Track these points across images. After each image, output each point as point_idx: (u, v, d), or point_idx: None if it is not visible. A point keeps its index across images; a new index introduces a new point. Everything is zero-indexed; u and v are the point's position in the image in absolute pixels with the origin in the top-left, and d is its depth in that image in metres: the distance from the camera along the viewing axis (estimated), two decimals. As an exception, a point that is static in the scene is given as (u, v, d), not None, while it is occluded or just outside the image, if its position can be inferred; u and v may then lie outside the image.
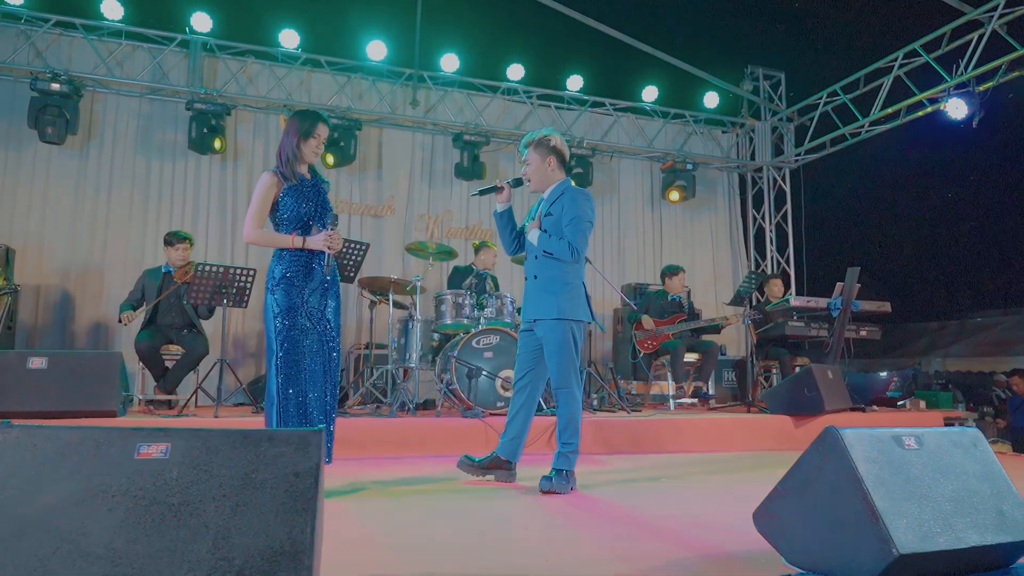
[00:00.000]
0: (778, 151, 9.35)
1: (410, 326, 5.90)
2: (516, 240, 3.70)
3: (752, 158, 9.45)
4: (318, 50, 7.76)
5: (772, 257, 9.39)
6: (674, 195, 8.77)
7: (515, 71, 8.26)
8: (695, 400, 6.84)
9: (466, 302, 5.80)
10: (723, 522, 2.80)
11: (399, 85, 8.09)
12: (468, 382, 5.41)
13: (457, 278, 6.43)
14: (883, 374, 8.09)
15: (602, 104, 8.79)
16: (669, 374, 6.71)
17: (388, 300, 5.88)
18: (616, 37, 8.25)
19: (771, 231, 9.41)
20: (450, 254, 6.09)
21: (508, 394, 5.52)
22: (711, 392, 6.93)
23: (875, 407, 6.75)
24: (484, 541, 2.51)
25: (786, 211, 9.34)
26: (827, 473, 2.18)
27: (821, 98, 8.59)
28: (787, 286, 9.22)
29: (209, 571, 1.49)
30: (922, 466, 2.22)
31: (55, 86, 6.68)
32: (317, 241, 3.22)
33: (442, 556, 2.28)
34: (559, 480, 3.38)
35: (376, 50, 7.74)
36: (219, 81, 7.56)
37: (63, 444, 1.60)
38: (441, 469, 4.15)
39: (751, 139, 9.51)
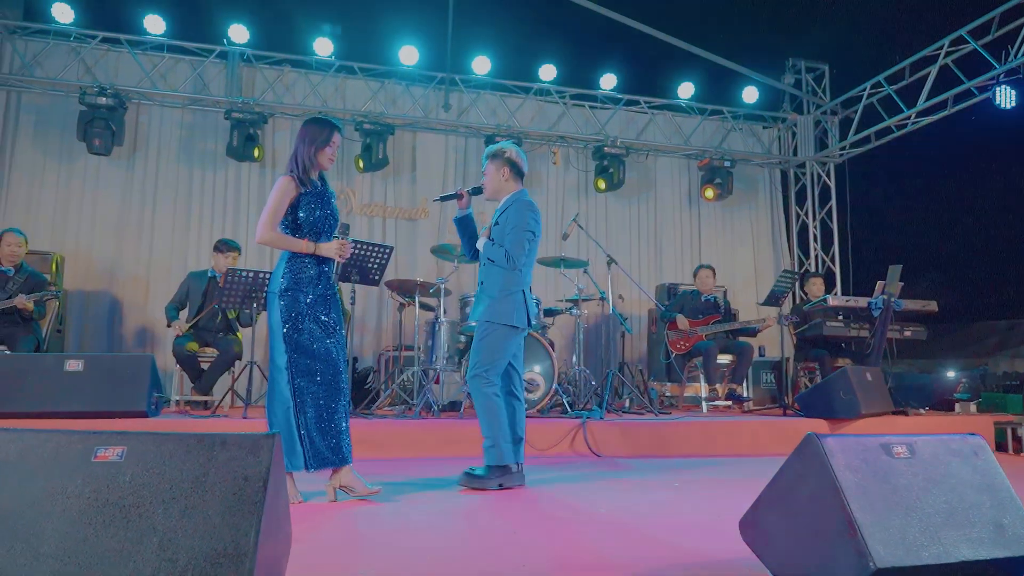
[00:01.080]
0: (822, 145, 9.07)
1: (437, 328, 5.95)
2: (473, 246, 3.80)
3: (794, 153, 9.20)
4: (352, 57, 7.89)
5: (816, 255, 9.12)
6: (709, 192, 8.59)
7: (547, 71, 8.24)
8: (729, 403, 6.69)
9: (490, 304, 5.80)
10: (720, 528, 2.73)
11: (432, 89, 8.17)
12: (491, 384, 5.41)
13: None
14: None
15: (636, 102, 8.69)
16: (702, 376, 6.59)
17: (414, 302, 5.95)
18: (650, 34, 8.14)
19: (815, 228, 9.14)
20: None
21: (531, 395, 5.52)
22: (746, 395, 6.77)
23: (922, 410, 6.48)
24: (465, 545, 2.51)
25: (831, 207, 9.05)
26: (808, 482, 2.12)
27: (865, 90, 8.29)
28: (832, 284, 8.95)
29: (154, 571, 1.53)
30: (911, 476, 2.12)
31: (102, 100, 6.97)
32: (330, 249, 3.27)
33: (415, 559, 2.29)
34: (476, 479, 3.49)
35: (408, 55, 7.83)
36: (257, 90, 7.77)
37: (25, 447, 1.67)
38: (454, 470, 4.16)
39: (793, 134, 9.25)
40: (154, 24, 7.30)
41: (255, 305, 5.42)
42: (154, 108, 7.63)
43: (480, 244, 3.67)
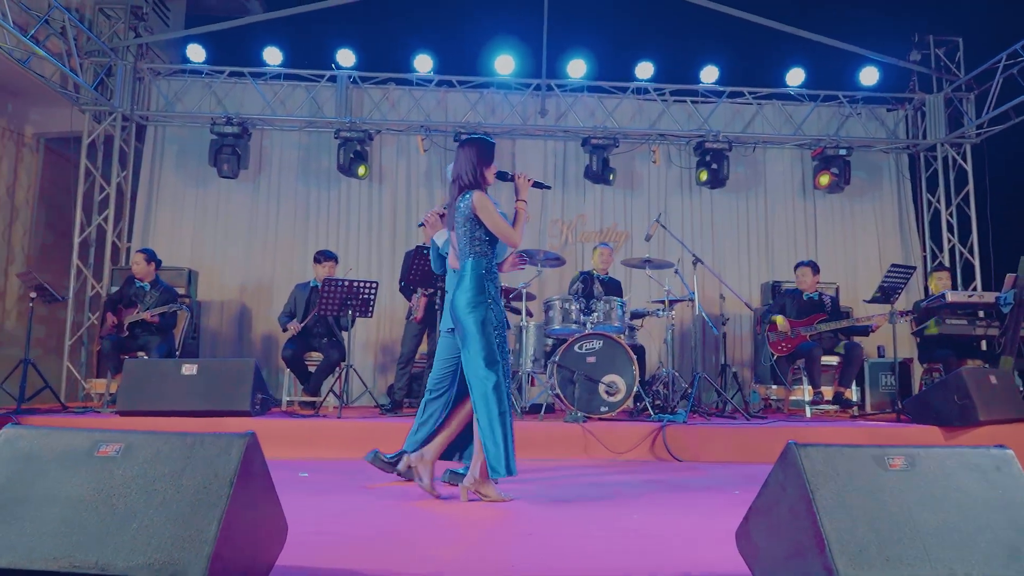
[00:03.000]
0: (956, 125, 8.28)
1: (524, 332, 6.08)
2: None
3: (923, 136, 8.46)
4: (450, 71, 8.20)
5: (952, 246, 8.33)
6: (824, 179, 8.05)
7: (644, 69, 8.13)
8: (836, 407, 6.30)
9: (572, 307, 5.86)
10: (722, 538, 2.65)
11: (529, 95, 8.31)
12: (571, 387, 5.47)
13: (574, 283, 6.50)
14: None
15: (740, 94, 8.36)
16: (804, 378, 6.26)
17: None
18: (752, 21, 7.83)
19: (949, 216, 8.36)
20: (558, 260, 6.19)
21: (611, 399, 5.51)
22: (855, 398, 6.34)
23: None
24: (456, 545, 2.60)
25: (968, 192, 8.23)
26: (788, 493, 2.04)
27: (1000, 61, 7.48)
28: (971, 278, 8.16)
29: (129, 552, 1.76)
30: (905, 490, 1.99)
31: (229, 128, 7.72)
32: (512, 261, 3.55)
33: (404, 555, 2.42)
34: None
35: (504, 64, 8.01)
36: (365, 109, 8.27)
37: (42, 442, 1.97)
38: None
39: (922, 115, 8.51)
40: (272, 56, 7.98)
41: (350, 312, 5.81)
42: (275, 132, 8.33)
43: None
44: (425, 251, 5.72)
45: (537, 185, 3.59)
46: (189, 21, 10.90)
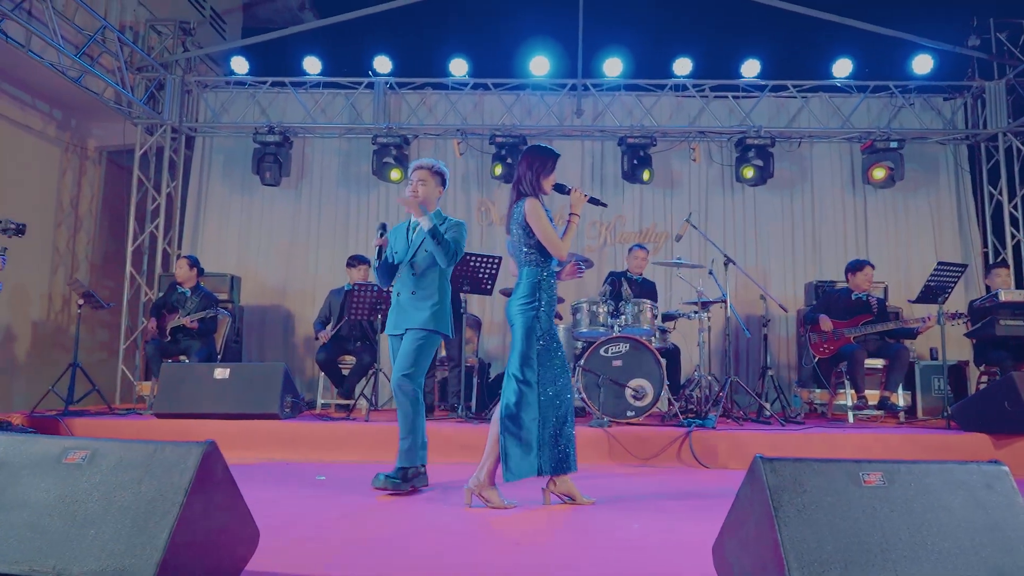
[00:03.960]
0: (1021, 112, 7.81)
1: (552, 335, 6.02)
2: None
3: (984, 126, 8.00)
4: (485, 74, 8.21)
5: (1016, 241, 7.86)
6: (879, 172, 7.69)
7: (683, 65, 7.96)
8: (881, 412, 6.02)
9: (600, 310, 5.78)
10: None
11: (565, 95, 8.25)
12: (597, 391, 5.39)
13: (604, 284, 6.42)
14: None
15: (784, 87, 8.09)
16: (847, 382, 6.01)
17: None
18: (795, 12, 7.56)
19: (1013, 210, 7.88)
20: (587, 262, 6.10)
21: (638, 403, 5.41)
22: (901, 403, 6.05)
23: None
24: (437, 554, 2.58)
25: (1033, 184, 7.76)
26: (755, 507, 1.96)
27: (1064, 44, 7.03)
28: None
29: (85, 556, 1.82)
30: (879, 508, 1.89)
31: (271, 137, 7.92)
32: (569, 270, 3.60)
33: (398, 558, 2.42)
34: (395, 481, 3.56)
35: (539, 65, 7.98)
36: (403, 114, 8.36)
37: (16, 448, 2.05)
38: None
39: (983, 103, 8.06)
40: (312, 65, 8.16)
41: (379, 316, 5.88)
42: (316, 140, 8.51)
43: None
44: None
45: (593, 201, 3.61)
46: (245, 33, 11.29)
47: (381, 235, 3.70)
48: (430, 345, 3.66)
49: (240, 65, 8.18)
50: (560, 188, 3.53)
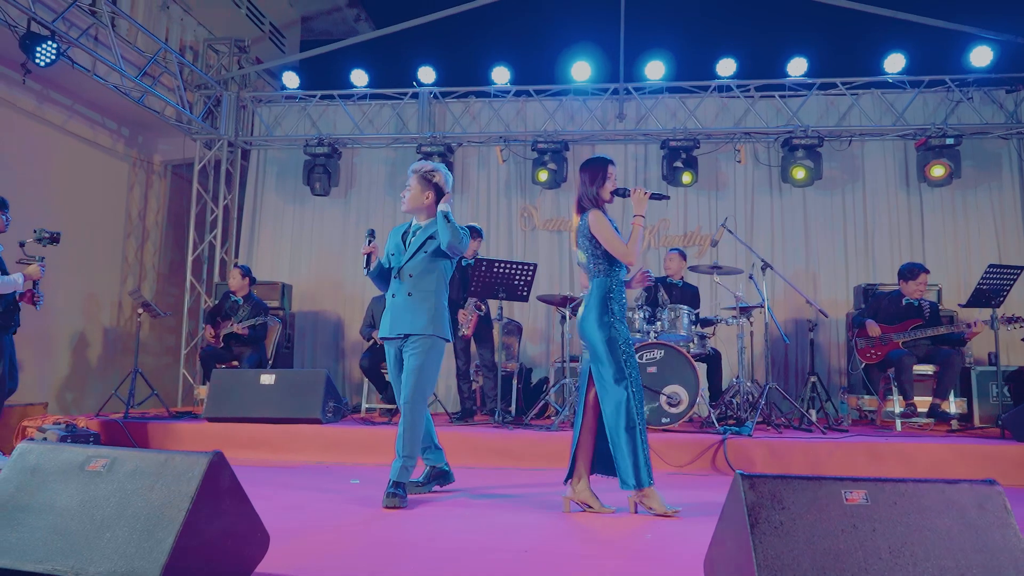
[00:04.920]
0: (1090, 104, 7.42)
1: (589, 341, 6.05)
2: None
3: (1051, 118, 7.63)
4: (528, 81, 8.29)
5: (1086, 240, 7.46)
6: (938, 170, 7.39)
7: (726, 66, 7.85)
8: (931, 420, 5.82)
9: (636, 315, 5.77)
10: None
11: (607, 100, 8.25)
12: (631, 397, 5.39)
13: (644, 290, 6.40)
14: None
15: (833, 85, 7.89)
16: (895, 388, 5.83)
17: (567, 315, 6.13)
18: (843, 7, 7.38)
19: (1083, 207, 7.49)
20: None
21: (673, 410, 5.39)
22: (953, 411, 5.83)
23: None
24: (447, 559, 2.66)
25: (1105, 180, 7.35)
26: (735, 522, 1.97)
27: None
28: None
29: (100, 557, 1.97)
30: (861, 528, 1.89)
31: (320, 149, 8.19)
32: (639, 278, 3.69)
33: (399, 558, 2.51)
34: (400, 497, 3.53)
35: (581, 71, 8.00)
36: (447, 123, 8.51)
37: (46, 457, 2.23)
38: (539, 481, 4.26)
39: (1050, 94, 7.68)
40: (359, 77, 8.40)
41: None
42: (363, 150, 8.74)
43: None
44: (483, 263, 5.83)
45: (655, 197, 3.58)
46: (303, 45, 11.69)
47: (369, 242, 3.75)
48: (435, 354, 3.65)
49: (291, 80, 8.48)
50: (620, 192, 3.54)
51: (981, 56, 7.49)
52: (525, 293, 5.92)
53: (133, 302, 7.45)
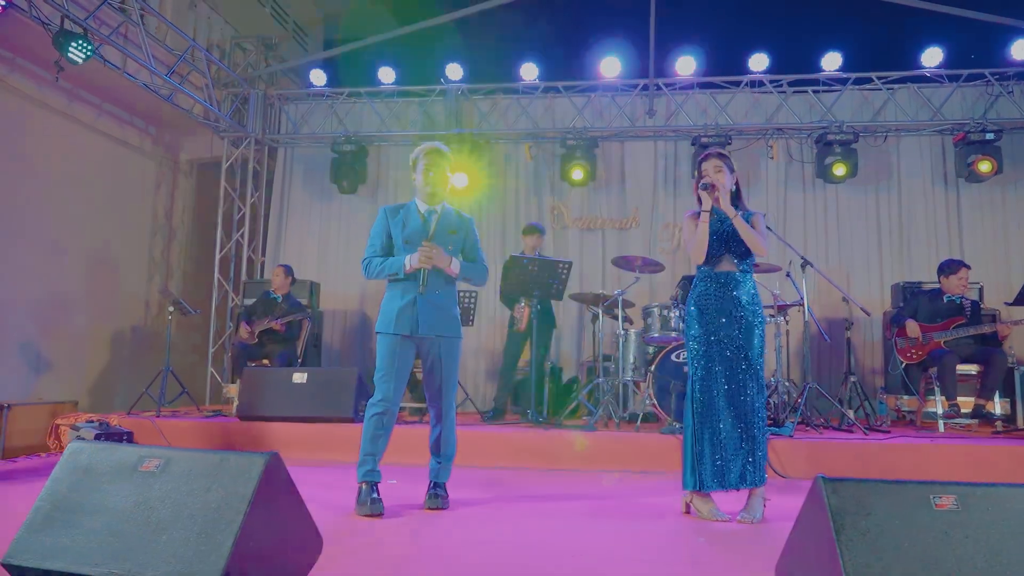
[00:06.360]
0: None
1: (622, 340, 5.97)
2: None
3: (1095, 112, 7.44)
4: (557, 76, 8.20)
5: None
6: (985, 166, 7.21)
7: (759, 61, 7.72)
8: (975, 421, 5.68)
9: (672, 314, 5.68)
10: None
11: (637, 95, 8.14)
12: (668, 397, 5.31)
13: (677, 288, 6.30)
14: None
15: (868, 80, 7.73)
16: (936, 388, 5.69)
17: (599, 314, 6.05)
18: (880, 0, 7.23)
19: None
20: (656, 265, 6.03)
21: (711, 410, 5.27)
22: (997, 411, 5.68)
23: None
24: (484, 565, 2.59)
25: None
26: (816, 527, 1.89)
27: None
28: None
29: (156, 560, 1.92)
30: (952, 534, 1.79)
31: (347, 147, 8.16)
32: None
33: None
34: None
35: (610, 67, 7.90)
36: (475, 119, 8.44)
37: (98, 457, 2.18)
38: (567, 484, 4.19)
39: (1094, 87, 7.48)
40: (386, 75, 8.35)
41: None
42: (390, 147, 8.69)
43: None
44: (526, 260, 5.76)
45: (703, 187, 3.40)
46: (326, 44, 11.68)
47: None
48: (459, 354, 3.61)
49: (318, 77, 8.45)
50: (704, 187, 3.41)
51: (1022, 49, 7.31)
52: (560, 291, 5.84)
53: (163, 300, 7.45)
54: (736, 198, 3.47)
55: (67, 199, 7.29)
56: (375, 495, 3.36)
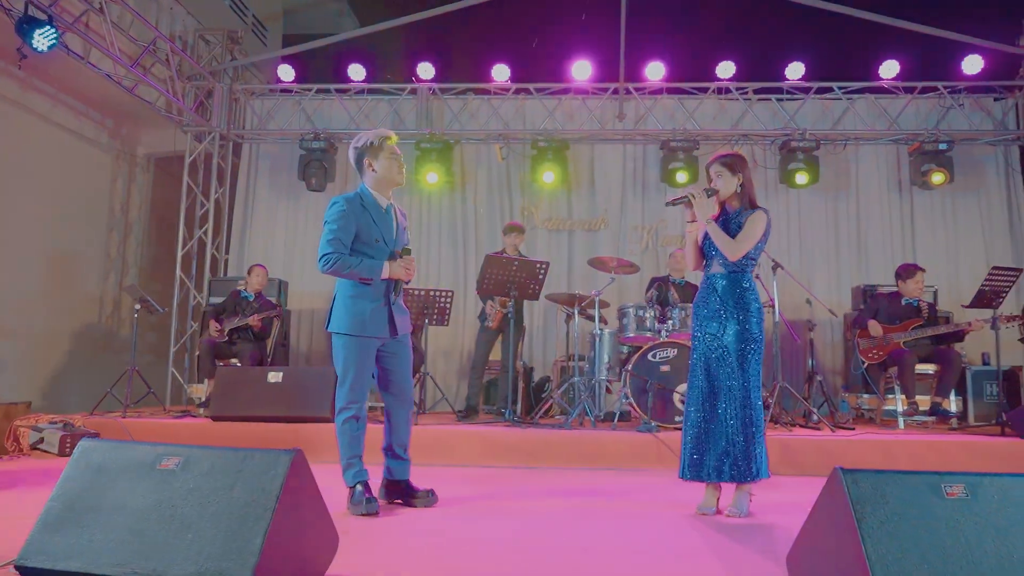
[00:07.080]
0: (1077, 113, 7.64)
1: (597, 340, 6.05)
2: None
3: (1038, 126, 7.85)
4: (527, 79, 8.25)
5: (1072, 245, 7.68)
6: (938, 177, 7.54)
7: (726, 68, 7.91)
8: (932, 418, 5.93)
9: (647, 314, 5.78)
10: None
11: (607, 100, 8.25)
12: (644, 396, 5.40)
13: (649, 289, 6.41)
14: None
15: (829, 89, 8.01)
16: (896, 387, 5.93)
17: (574, 314, 6.12)
18: (840, 13, 7.49)
19: (1069, 213, 7.71)
20: (631, 266, 6.14)
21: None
22: (954, 409, 5.95)
23: None
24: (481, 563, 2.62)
25: (1090, 186, 7.58)
26: (835, 520, 1.97)
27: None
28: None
29: (182, 563, 1.89)
30: (963, 521, 1.88)
31: (315, 144, 8.05)
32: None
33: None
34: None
35: (581, 70, 7.99)
36: (446, 119, 8.43)
37: (113, 455, 2.13)
38: (561, 482, 4.25)
39: (1038, 102, 7.89)
40: (356, 72, 8.27)
41: (426, 320, 5.95)
42: (359, 146, 8.60)
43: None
44: (508, 260, 5.78)
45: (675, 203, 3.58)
46: (286, 39, 11.48)
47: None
48: None
49: (286, 73, 8.32)
50: (675, 204, 3.62)
51: (973, 64, 7.67)
52: (537, 292, 5.88)
53: (129, 297, 7.24)
54: (741, 197, 3.51)
55: (19, 192, 7.02)
56: (369, 495, 3.34)
